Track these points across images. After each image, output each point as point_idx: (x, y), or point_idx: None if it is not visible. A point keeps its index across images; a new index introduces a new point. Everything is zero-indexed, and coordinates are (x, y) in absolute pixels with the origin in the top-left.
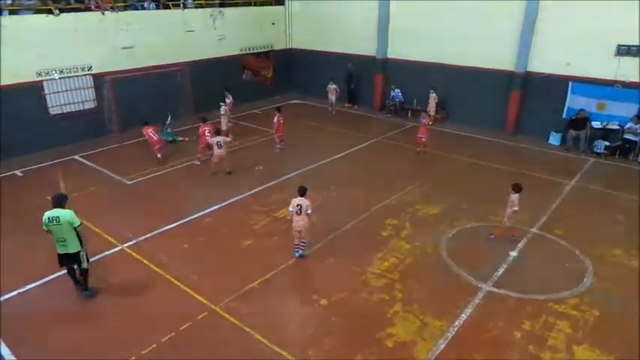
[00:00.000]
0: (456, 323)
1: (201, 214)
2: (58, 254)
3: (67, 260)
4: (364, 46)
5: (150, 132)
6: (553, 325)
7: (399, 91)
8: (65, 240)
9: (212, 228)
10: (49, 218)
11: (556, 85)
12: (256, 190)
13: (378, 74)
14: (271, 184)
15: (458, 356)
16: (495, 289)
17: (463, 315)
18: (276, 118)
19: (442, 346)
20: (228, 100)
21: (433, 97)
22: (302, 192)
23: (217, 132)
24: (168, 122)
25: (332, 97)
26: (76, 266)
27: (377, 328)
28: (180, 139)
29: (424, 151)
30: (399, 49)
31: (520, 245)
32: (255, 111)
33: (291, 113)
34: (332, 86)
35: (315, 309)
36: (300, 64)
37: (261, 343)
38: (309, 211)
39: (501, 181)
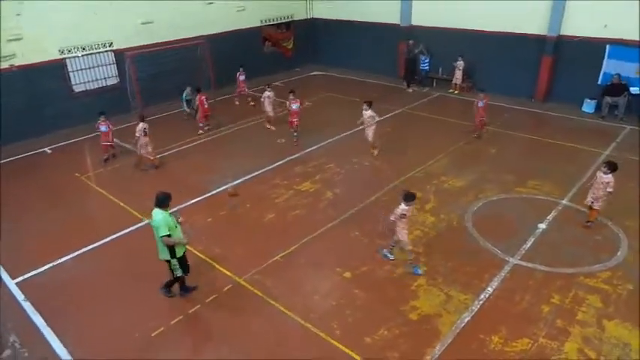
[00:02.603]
0: (482, 297)
1: (224, 187)
2: None
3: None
4: (388, 14)
5: (100, 125)
6: (583, 300)
7: (427, 58)
8: (158, 243)
9: (235, 202)
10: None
11: (591, 49)
12: (278, 163)
13: (403, 43)
14: (293, 157)
15: (483, 329)
16: (523, 263)
17: (489, 288)
18: (294, 104)
19: (467, 319)
20: (242, 77)
21: (460, 66)
22: (406, 197)
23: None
24: (185, 94)
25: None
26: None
27: (401, 301)
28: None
29: (479, 135)
30: (424, 16)
31: (549, 217)
32: (277, 83)
33: (312, 85)
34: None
35: (338, 282)
36: (321, 35)
37: (285, 315)
38: (391, 217)
39: (530, 151)
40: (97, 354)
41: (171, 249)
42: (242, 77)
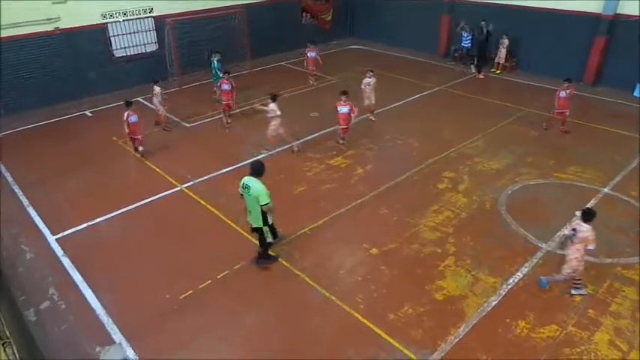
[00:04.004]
0: (511, 281)
1: (255, 158)
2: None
3: (254, 230)
4: None
5: (130, 116)
6: (618, 291)
7: (468, 35)
8: (250, 212)
9: (267, 173)
10: (243, 184)
11: None
12: (312, 136)
13: (444, 16)
14: (327, 130)
15: (510, 314)
16: (557, 250)
17: (519, 274)
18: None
19: (494, 303)
20: (312, 54)
21: (504, 44)
22: (587, 216)
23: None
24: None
25: None
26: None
27: (427, 280)
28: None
29: (566, 130)
30: None
31: (589, 205)
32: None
33: (349, 59)
34: None
35: (365, 257)
36: (360, 7)
37: (310, 287)
38: (590, 247)
39: (574, 136)
40: (129, 311)
41: (265, 216)
42: (312, 54)
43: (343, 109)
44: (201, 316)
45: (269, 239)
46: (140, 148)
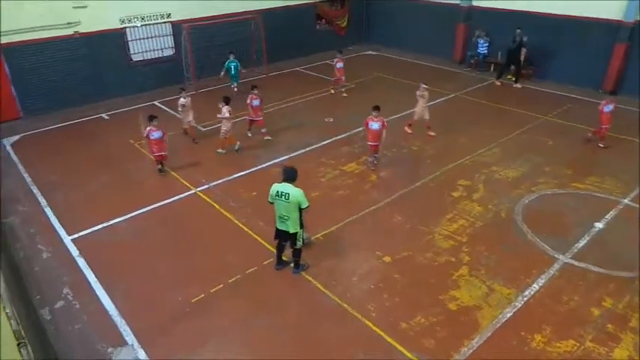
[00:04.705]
0: (527, 293)
1: (270, 163)
2: (276, 228)
3: (282, 236)
4: None
5: (152, 132)
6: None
7: (485, 41)
8: (288, 218)
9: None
10: (278, 192)
11: None
12: (325, 142)
13: (461, 24)
14: (341, 136)
15: (525, 326)
16: (574, 262)
17: (535, 285)
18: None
19: (508, 315)
20: (340, 64)
21: (522, 52)
22: None
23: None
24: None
25: None
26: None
27: (440, 290)
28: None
29: (603, 145)
30: None
31: (608, 217)
32: (328, 62)
33: (364, 64)
34: None
35: (378, 265)
36: (375, 13)
37: (321, 293)
38: None
39: (592, 145)
40: (142, 313)
41: (301, 220)
42: (340, 65)
43: (374, 125)
44: (212, 319)
45: (299, 244)
46: (159, 167)
